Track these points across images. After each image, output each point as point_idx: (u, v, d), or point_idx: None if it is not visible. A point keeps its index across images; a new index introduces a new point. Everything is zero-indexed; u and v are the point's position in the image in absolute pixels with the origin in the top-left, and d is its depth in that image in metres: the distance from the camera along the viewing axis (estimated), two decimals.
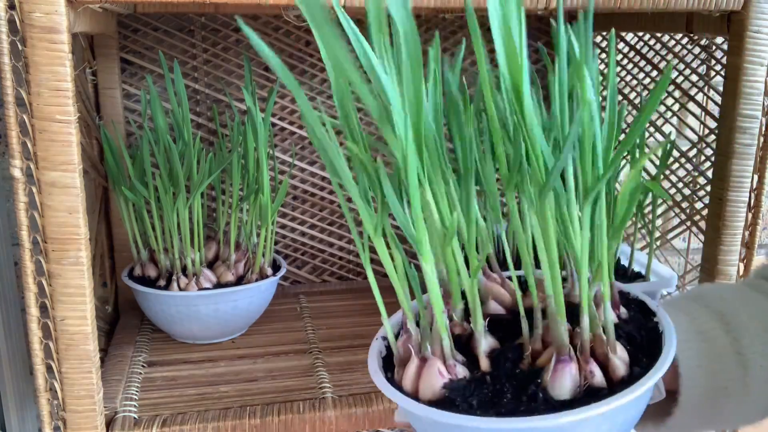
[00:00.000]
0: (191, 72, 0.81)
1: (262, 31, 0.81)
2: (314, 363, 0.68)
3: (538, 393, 0.37)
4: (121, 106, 0.76)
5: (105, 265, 0.77)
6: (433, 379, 0.38)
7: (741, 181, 0.62)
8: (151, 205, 0.70)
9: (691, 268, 0.82)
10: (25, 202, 0.49)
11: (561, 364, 0.37)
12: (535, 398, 0.37)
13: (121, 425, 0.57)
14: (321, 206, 0.89)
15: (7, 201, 0.78)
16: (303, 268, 0.90)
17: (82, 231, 0.49)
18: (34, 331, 0.51)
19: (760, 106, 0.60)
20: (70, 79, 0.47)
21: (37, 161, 0.48)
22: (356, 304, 0.84)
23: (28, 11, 0.45)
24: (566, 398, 0.37)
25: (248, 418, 0.58)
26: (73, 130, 0.47)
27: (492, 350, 0.41)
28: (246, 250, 0.74)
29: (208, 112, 0.83)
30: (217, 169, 0.70)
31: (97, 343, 0.53)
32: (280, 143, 0.85)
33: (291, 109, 0.85)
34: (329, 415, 0.59)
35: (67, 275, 0.50)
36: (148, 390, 0.63)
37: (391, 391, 0.39)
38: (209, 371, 0.67)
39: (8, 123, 0.47)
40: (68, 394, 0.52)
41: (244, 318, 0.73)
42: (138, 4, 0.66)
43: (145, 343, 0.73)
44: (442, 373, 0.39)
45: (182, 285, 0.69)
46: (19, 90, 0.47)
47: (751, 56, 0.59)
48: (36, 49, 0.46)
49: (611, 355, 0.38)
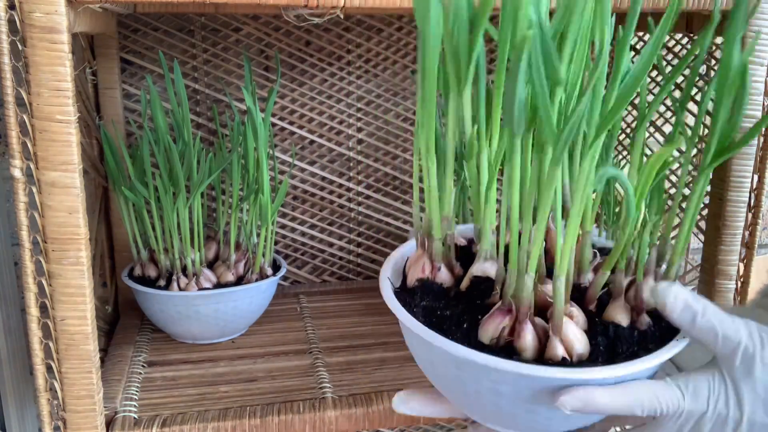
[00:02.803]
0: (191, 72, 0.81)
1: (262, 30, 0.82)
2: (314, 363, 0.68)
3: (470, 332, 0.38)
4: (121, 106, 0.76)
5: (105, 265, 0.77)
6: (417, 271, 0.42)
7: (741, 181, 0.62)
8: (151, 205, 0.70)
9: (691, 268, 0.82)
10: (25, 202, 0.49)
11: (497, 312, 0.38)
12: (466, 335, 0.38)
13: (121, 425, 0.57)
14: (321, 206, 0.89)
15: (7, 201, 0.78)
16: (303, 268, 0.90)
17: (82, 231, 0.49)
18: (34, 331, 0.51)
19: (760, 106, 0.60)
20: (70, 79, 0.47)
21: (37, 161, 0.48)
22: (356, 304, 0.84)
23: (28, 11, 0.45)
24: (485, 343, 0.38)
25: (248, 418, 0.58)
26: (73, 130, 0.47)
27: (484, 276, 0.42)
28: (246, 250, 0.74)
29: (208, 112, 0.83)
30: (217, 169, 0.70)
31: (97, 343, 0.53)
32: (280, 143, 0.85)
33: (291, 109, 0.85)
34: (329, 415, 0.59)
35: (67, 275, 0.50)
36: (148, 390, 0.63)
37: (385, 282, 0.43)
38: (209, 371, 0.67)
39: (8, 123, 0.47)
40: (68, 394, 0.52)
41: (244, 318, 0.73)
42: (138, 4, 0.66)
43: (145, 343, 0.73)
44: (425, 269, 0.42)
45: (182, 285, 0.69)
46: (19, 90, 0.47)
47: (751, 56, 0.59)
48: (36, 49, 0.46)
49: (565, 325, 0.38)
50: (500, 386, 0.37)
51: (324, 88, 0.85)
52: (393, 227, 0.91)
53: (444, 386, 0.41)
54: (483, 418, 0.41)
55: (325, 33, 0.83)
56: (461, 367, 0.37)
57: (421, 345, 0.40)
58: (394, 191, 0.90)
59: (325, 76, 0.85)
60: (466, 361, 0.36)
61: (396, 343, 0.73)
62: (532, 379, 0.35)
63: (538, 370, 0.35)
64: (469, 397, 0.39)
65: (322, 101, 0.85)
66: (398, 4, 0.53)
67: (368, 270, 0.92)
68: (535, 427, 0.39)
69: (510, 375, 0.35)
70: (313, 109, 0.85)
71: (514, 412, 0.38)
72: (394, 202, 0.90)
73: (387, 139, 0.88)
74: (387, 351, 0.71)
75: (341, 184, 0.88)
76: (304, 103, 0.85)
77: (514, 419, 0.39)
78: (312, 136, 0.86)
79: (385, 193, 0.90)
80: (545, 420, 0.38)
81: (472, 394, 0.38)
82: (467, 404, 0.41)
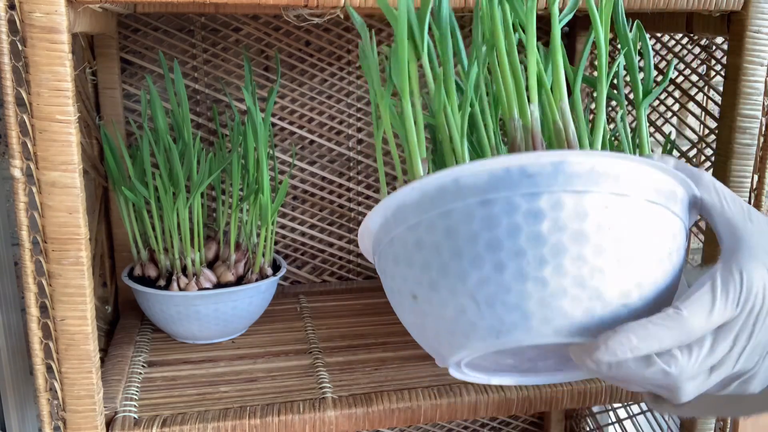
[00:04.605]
0: (191, 72, 0.81)
1: (262, 30, 0.82)
2: (314, 363, 0.68)
3: None
4: (121, 106, 0.76)
5: (105, 265, 0.77)
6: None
7: (741, 181, 0.62)
8: (151, 205, 0.70)
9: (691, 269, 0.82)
10: (25, 202, 0.49)
11: None
12: None
13: (121, 425, 0.57)
14: (321, 206, 0.89)
15: (7, 201, 0.79)
16: (303, 268, 0.90)
17: (82, 231, 0.49)
18: (34, 331, 0.51)
19: (760, 106, 0.60)
20: (70, 79, 0.47)
21: (37, 161, 0.48)
22: (356, 304, 0.84)
23: (28, 11, 0.45)
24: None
25: (248, 418, 0.58)
26: (73, 130, 0.47)
27: None
28: (246, 250, 0.74)
29: (208, 112, 0.83)
30: (217, 169, 0.70)
31: (97, 343, 0.53)
32: (280, 143, 0.85)
33: (291, 109, 0.85)
34: (329, 415, 0.59)
35: (67, 275, 0.50)
36: (148, 390, 0.63)
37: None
38: (209, 371, 0.67)
39: (8, 123, 0.47)
40: (68, 394, 0.52)
41: (244, 318, 0.73)
42: (138, 4, 0.66)
43: (145, 343, 0.73)
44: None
45: (182, 285, 0.69)
46: (19, 90, 0.47)
47: (751, 56, 0.59)
48: (36, 49, 0.46)
49: None
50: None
51: (324, 88, 0.85)
52: None
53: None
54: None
55: (325, 33, 0.83)
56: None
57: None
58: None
59: (325, 76, 0.85)
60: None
61: (396, 343, 0.73)
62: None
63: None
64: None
65: (322, 101, 0.85)
66: None
67: (368, 270, 0.92)
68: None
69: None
70: (313, 109, 0.85)
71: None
72: None
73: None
74: (387, 351, 0.71)
75: (341, 184, 0.88)
76: (304, 103, 0.85)
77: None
78: (312, 136, 0.86)
79: None
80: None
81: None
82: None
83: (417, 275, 0.38)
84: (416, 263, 0.38)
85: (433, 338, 0.40)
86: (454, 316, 0.37)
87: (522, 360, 0.43)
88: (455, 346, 0.38)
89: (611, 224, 0.35)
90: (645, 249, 0.36)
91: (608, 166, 0.36)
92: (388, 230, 0.40)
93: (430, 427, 1.01)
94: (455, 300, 0.36)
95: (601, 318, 0.35)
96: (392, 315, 0.82)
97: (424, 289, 0.38)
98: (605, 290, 0.35)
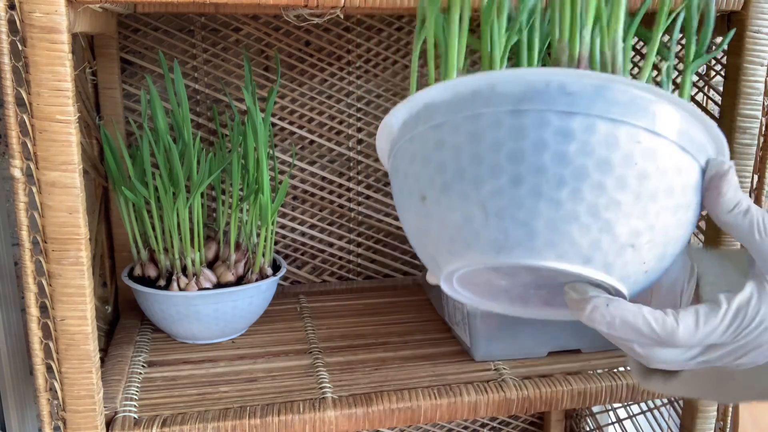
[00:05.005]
0: (191, 72, 0.81)
1: (262, 30, 0.82)
2: (314, 363, 0.69)
3: None
4: (121, 106, 0.76)
5: (105, 265, 0.77)
6: None
7: (741, 181, 0.62)
8: (151, 205, 0.70)
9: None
10: (25, 202, 0.49)
11: None
12: None
13: (121, 425, 0.57)
14: (321, 206, 0.89)
15: (7, 201, 0.79)
16: (303, 268, 0.90)
17: (82, 231, 0.49)
18: (34, 331, 0.51)
19: (760, 106, 0.60)
20: (70, 79, 0.47)
21: (37, 161, 0.48)
22: (356, 304, 0.84)
23: (28, 11, 0.45)
24: None
25: (248, 418, 0.58)
26: (73, 130, 0.48)
27: None
28: (246, 250, 0.74)
29: (208, 112, 0.83)
30: (217, 169, 0.70)
31: (97, 343, 0.53)
32: (280, 143, 0.85)
33: (291, 109, 0.85)
34: (329, 415, 0.59)
35: (67, 275, 0.50)
36: (148, 390, 0.63)
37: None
38: (209, 371, 0.67)
39: (8, 123, 0.47)
40: (68, 394, 0.52)
41: (244, 318, 0.73)
42: (138, 4, 0.66)
43: (145, 343, 0.73)
44: None
45: (182, 285, 0.70)
46: (19, 90, 0.47)
47: (751, 56, 0.59)
48: (36, 49, 0.46)
49: None
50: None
51: (324, 88, 0.85)
52: (393, 227, 0.91)
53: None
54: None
55: (325, 33, 0.83)
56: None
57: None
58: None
59: (325, 76, 0.85)
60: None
61: (396, 343, 0.73)
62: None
63: None
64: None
65: (322, 101, 0.85)
66: (398, 4, 0.53)
67: (368, 270, 0.92)
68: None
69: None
70: (313, 109, 0.85)
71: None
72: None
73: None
74: (387, 351, 0.71)
75: (341, 184, 0.88)
76: (304, 103, 0.85)
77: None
78: (312, 136, 0.86)
79: (385, 193, 0.90)
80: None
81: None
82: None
83: (431, 175, 0.37)
84: (433, 163, 0.37)
85: (432, 245, 0.39)
86: (459, 222, 0.36)
87: (515, 284, 0.42)
88: (454, 255, 0.37)
89: (639, 160, 0.34)
90: (666, 193, 0.35)
91: (649, 102, 0.35)
92: (410, 127, 0.39)
93: (430, 427, 1.01)
94: (464, 206, 0.36)
95: (606, 253, 0.35)
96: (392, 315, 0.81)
97: (435, 191, 0.37)
98: (617, 225, 0.34)
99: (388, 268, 0.93)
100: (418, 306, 0.83)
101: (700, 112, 0.37)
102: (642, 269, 0.36)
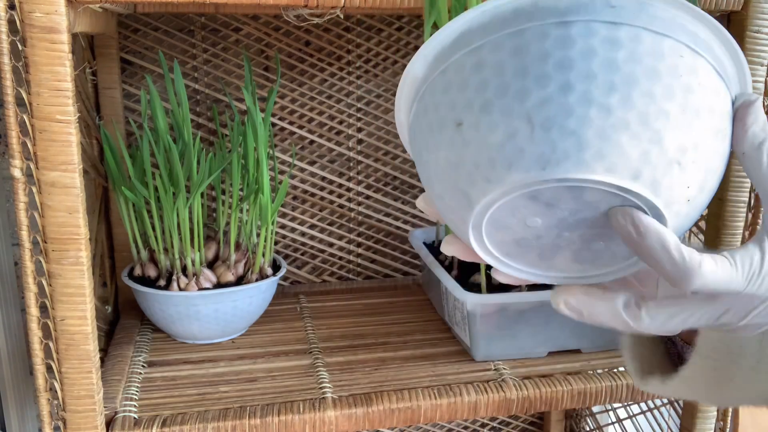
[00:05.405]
0: (191, 72, 0.81)
1: (262, 30, 0.82)
2: (314, 363, 0.69)
3: None
4: (121, 106, 0.76)
5: (105, 265, 0.77)
6: None
7: (741, 181, 0.62)
8: (151, 205, 0.70)
9: None
10: (25, 202, 0.49)
11: None
12: None
13: (121, 425, 0.57)
14: (321, 206, 0.89)
15: (7, 201, 0.79)
16: (303, 268, 0.90)
17: (82, 231, 0.49)
18: (34, 331, 0.51)
19: None
20: (70, 79, 0.47)
21: (37, 161, 0.48)
22: (356, 304, 0.84)
23: (28, 11, 0.45)
24: None
25: (248, 418, 0.58)
26: (73, 130, 0.48)
27: None
28: (246, 250, 0.74)
29: (208, 112, 0.83)
30: (217, 169, 0.70)
31: (97, 343, 0.53)
32: (280, 143, 0.85)
33: (291, 109, 0.85)
34: (329, 415, 0.59)
35: (67, 275, 0.50)
36: (148, 390, 0.63)
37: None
38: (209, 371, 0.67)
39: (8, 123, 0.47)
40: (68, 394, 0.52)
41: (244, 318, 0.73)
42: (138, 4, 0.66)
43: (145, 343, 0.73)
44: None
45: (182, 285, 0.70)
46: (19, 90, 0.47)
47: (751, 56, 0.59)
48: (36, 49, 0.46)
49: None
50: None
51: (324, 88, 0.85)
52: (393, 227, 0.91)
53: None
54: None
55: (325, 33, 0.83)
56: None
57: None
58: (394, 191, 0.90)
59: (325, 76, 0.85)
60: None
61: (396, 343, 0.73)
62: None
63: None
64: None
65: (322, 101, 0.85)
66: (398, 4, 0.53)
67: (368, 270, 0.92)
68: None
69: None
70: (313, 109, 0.85)
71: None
72: (394, 202, 0.90)
73: (387, 139, 0.88)
74: (387, 351, 0.71)
75: (341, 184, 0.88)
76: (304, 103, 0.85)
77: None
78: (312, 136, 0.86)
79: (385, 193, 0.90)
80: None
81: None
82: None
83: (470, 98, 0.37)
84: (471, 85, 0.37)
85: (465, 177, 0.38)
86: (501, 141, 0.35)
87: (549, 226, 0.39)
88: (492, 181, 0.36)
89: (683, 72, 0.35)
90: (708, 111, 0.36)
91: (689, 21, 0.36)
92: (443, 60, 0.39)
93: (430, 427, 1.01)
94: (508, 122, 0.35)
95: (655, 167, 0.35)
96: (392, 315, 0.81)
97: (473, 114, 0.36)
98: (666, 136, 0.35)
99: (388, 268, 0.93)
100: (418, 306, 0.83)
101: (736, 46, 0.38)
102: (685, 195, 0.36)
